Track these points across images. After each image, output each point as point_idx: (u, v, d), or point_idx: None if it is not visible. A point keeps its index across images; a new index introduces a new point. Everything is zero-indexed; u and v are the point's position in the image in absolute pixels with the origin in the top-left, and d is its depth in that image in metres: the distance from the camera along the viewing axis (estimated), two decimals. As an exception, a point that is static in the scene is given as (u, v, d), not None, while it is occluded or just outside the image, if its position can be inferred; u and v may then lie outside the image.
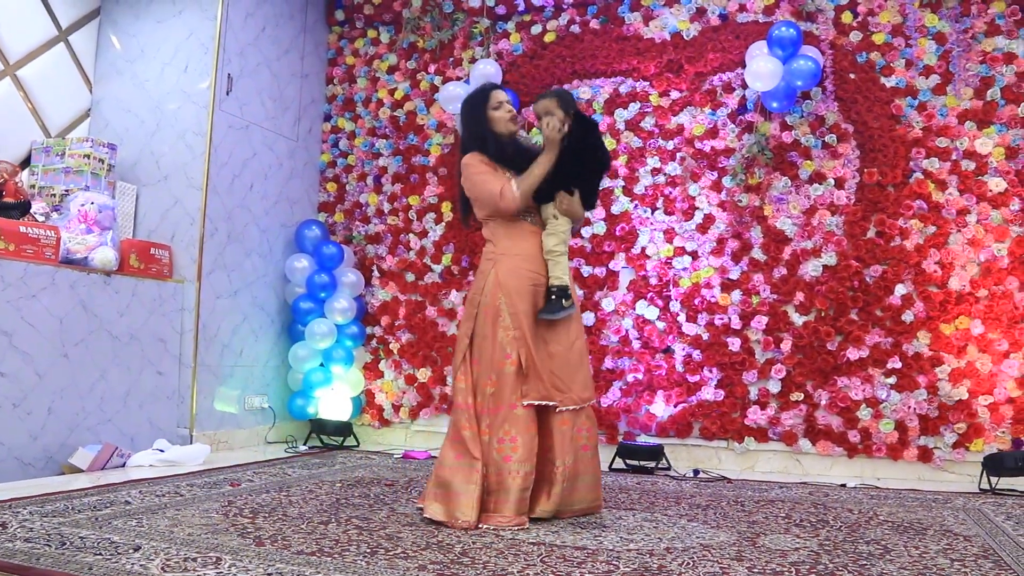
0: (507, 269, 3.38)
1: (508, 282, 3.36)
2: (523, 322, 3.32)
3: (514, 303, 3.33)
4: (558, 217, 3.46)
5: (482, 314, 3.37)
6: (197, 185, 5.09)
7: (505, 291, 3.34)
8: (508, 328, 3.31)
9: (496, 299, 3.35)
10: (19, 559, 2.38)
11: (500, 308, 3.34)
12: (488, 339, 3.34)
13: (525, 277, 3.39)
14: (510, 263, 3.40)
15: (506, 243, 3.44)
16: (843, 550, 2.85)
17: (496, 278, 3.37)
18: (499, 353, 3.30)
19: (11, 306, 4.02)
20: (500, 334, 3.32)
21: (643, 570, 2.50)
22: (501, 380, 3.28)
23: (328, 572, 2.33)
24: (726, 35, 5.30)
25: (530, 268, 3.41)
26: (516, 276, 3.37)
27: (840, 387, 4.86)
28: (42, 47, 5.14)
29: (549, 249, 3.44)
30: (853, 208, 4.95)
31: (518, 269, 3.39)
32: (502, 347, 3.30)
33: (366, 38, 6.27)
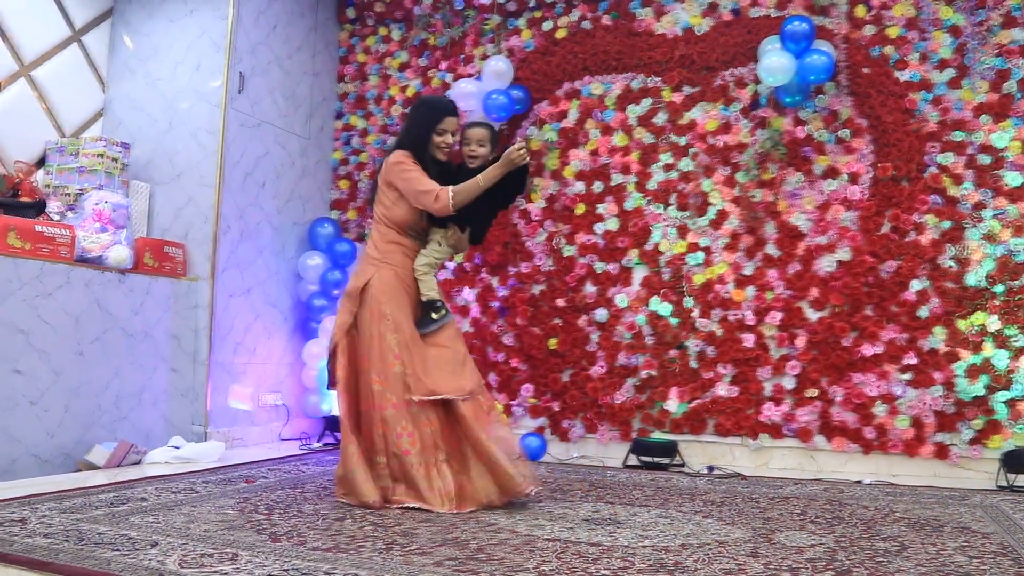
0: (389, 277, 3.60)
1: (390, 290, 3.58)
2: (405, 326, 3.55)
3: (396, 309, 3.55)
4: (441, 245, 3.73)
5: (367, 313, 3.56)
6: (210, 183, 5.10)
7: (389, 297, 3.56)
8: (393, 331, 3.52)
9: (380, 303, 3.55)
10: (39, 554, 2.39)
11: (385, 312, 3.54)
12: (375, 338, 3.52)
13: (403, 288, 3.63)
14: (391, 273, 3.61)
15: (391, 254, 3.66)
16: (859, 547, 2.84)
17: (380, 282, 3.58)
18: (388, 354, 3.49)
19: (27, 305, 4.04)
20: (388, 336, 3.51)
21: (658, 566, 2.50)
22: (389, 380, 3.46)
23: (344, 568, 2.33)
24: (738, 30, 5.27)
25: (407, 280, 3.66)
26: (396, 286, 3.60)
27: (855, 383, 4.83)
28: (56, 47, 5.15)
29: (417, 267, 3.69)
30: (868, 203, 4.92)
31: (398, 279, 3.62)
32: (390, 348, 3.49)
33: (377, 35, 6.28)
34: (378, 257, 3.65)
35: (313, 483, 3.91)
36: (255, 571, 2.28)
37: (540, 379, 5.46)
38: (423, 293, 3.67)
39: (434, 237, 3.72)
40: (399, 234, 3.68)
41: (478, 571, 2.36)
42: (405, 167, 3.59)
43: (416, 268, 3.68)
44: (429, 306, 3.65)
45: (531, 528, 3.04)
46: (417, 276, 3.68)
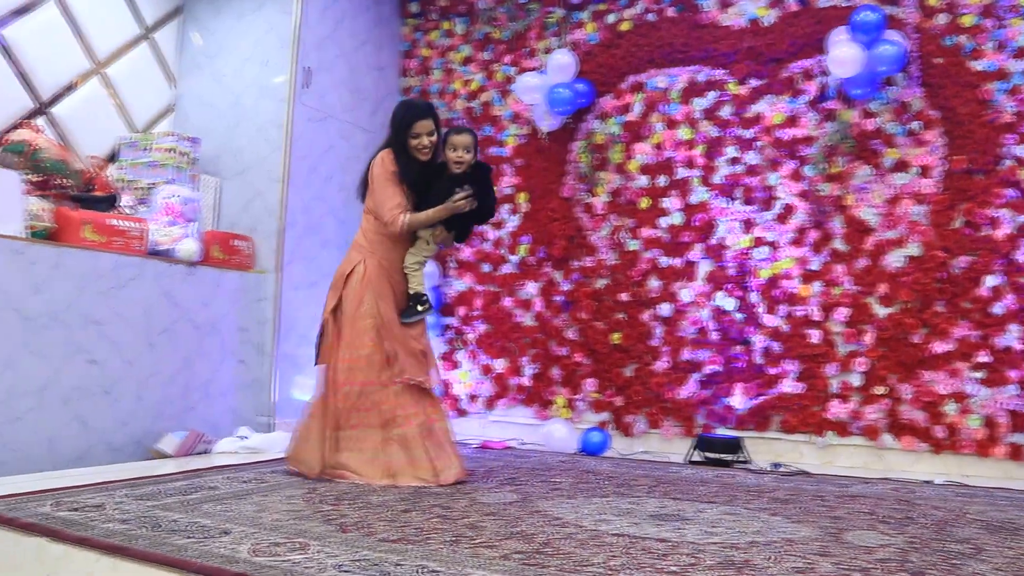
0: (374, 268, 3.84)
1: (374, 280, 3.82)
2: (383, 313, 3.80)
3: (377, 297, 3.80)
4: (429, 243, 3.94)
5: (349, 297, 3.83)
6: (276, 177, 5.16)
7: (371, 286, 3.81)
8: (370, 316, 3.78)
9: (363, 290, 3.80)
10: (118, 539, 2.45)
11: (364, 299, 3.80)
12: (351, 319, 3.80)
13: (387, 280, 3.86)
14: (377, 263, 3.85)
15: (381, 245, 3.89)
16: (932, 548, 2.78)
17: (365, 272, 3.83)
18: (363, 335, 3.77)
19: (102, 296, 4.13)
20: (365, 320, 3.78)
21: (727, 563, 2.47)
22: (359, 360, 3.76)
23: (414, 560, 2.34)
24: (806, 21, 5.19)
25: (392, 272, 3.89)
26: (380, 277, 3.84)
27: (925, 381, 4.74)
28: (127, 45, 5.27)
29: (407, 264, 3.92)
30: (940, 197, 4.81)
31: (383, 270, 3.86)
32: (366, 331, 3.77)
33: (440, 30, 6.30)
34: (366, 247, 3.89)
35: (378, 475, 3.94)
36: (326, 561, 2.30)
37: (603, 374, 5.45)
38: (411, 287, 3.92)
39: (423, 235, 3.92)
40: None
41: (545, 565, 2.36)
42: (380, 175, 3.85)
43: (407, 265, 3.92)
44: (416, 299, 3.91)
45: (597, 523, 3.03)
46: (407, 272, 3.92)
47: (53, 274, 3.91)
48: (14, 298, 3.74)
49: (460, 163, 3.83)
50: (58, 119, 4.84)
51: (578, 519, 3.09)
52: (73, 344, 4.00)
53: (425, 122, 3.83)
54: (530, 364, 5.69)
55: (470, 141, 3.85)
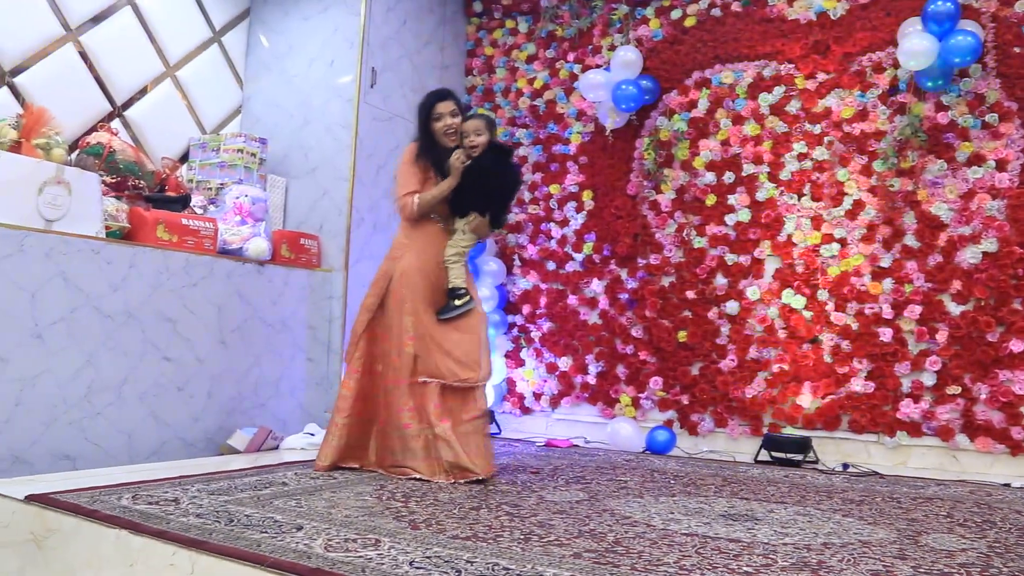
0: (413, 264, 3.86)
1: (413, 276, 3.85)
2: (420, 310, 3.82)
3: (414, 294, 3.82)
4: (465, 233, 3.95)
5: (391, 295, 3.86)
6: (344, 176, 5.22)
7: (409, 283, 3.84)
8: (411, 314, 3.81)
9: (403, 287, 3.84)
10: (194, 533, 2.50)
11: (405, 296, 3.83)
12: (395, 318, 3.83)
13: (426, 274, 3.88)
14: (416, 260, 3.88)
15: (417, 238, 3.92)
16: (1017, 554, 2.71)
17: (404, 270, 3.86)
18: (404, 335, 3.80)
19: (175, 295, 4.22)
20: (405, 319, 3.81)
21: (802, 565, 2.44)
22: (402, 358, 3.79)
23: (485, 557, 2.35)
24: (876, 12, 5.09)
25: (431, 266, 3.90)
26: (420, 272, 3.86)
27: (1002, 381, 4.61)
28: (197, 49, 5.38)
29: (447, 257, 3.92)
30: (1017, 191, 4.68)
31: (423, 266, 3.88)
32: (406, 329, 3.80)
33: (504, 28, 6.31)
34: (404, 243, 3.94)
35: (445, 472, 3.97)
36: (398, 557, 2.33)
37: (669, 372, 5.41)
38: (450, 280, 3.91)
39: (457, 226, 3.96)
40: (426, 222, 3.94)
41: (618, 564, 2.35)
42: (403, 166, 3.95)
43: (446, 258, 3.93)
44: (453, 293, 3.89)
45: (667, 522, 3.01)
46: (447, 265, 3.92)
47: (129, 273, 4.00)
48: (93, 297, 3.84)
49: (474, 147, 3.87)
50: (132, 122, 4.96)
51: (647, 518, 3.07)
52: (148, 341, 4.09)
53: (444, 103, 3.92)
54: (595, 362, 5.67)
55: (479, 124, 3.90)
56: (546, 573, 2.22)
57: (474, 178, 3.86)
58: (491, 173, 3.90)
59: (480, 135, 3.87)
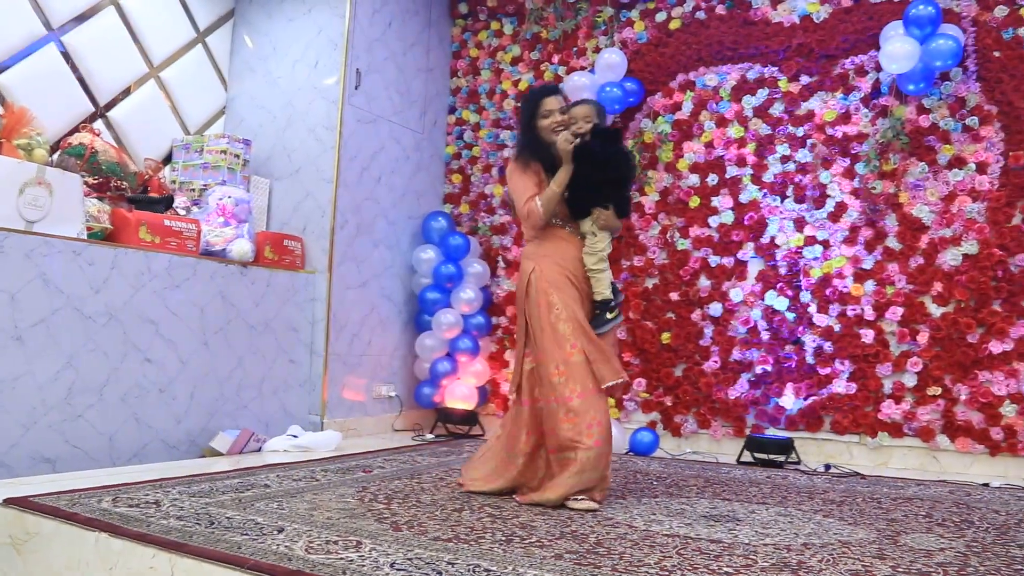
0: (550, 268, 3.48)
1: (554, 279, 3.45)
2: (577, 313, 3.42)
3: (564, 297, 3.43)
4: (596, 233, 3.55)
5: (535, 308, 3.46)
6: (327, 178, 5.21)
7: (554, 286, 3.44)
8: (566, 320, 3.39)
9: (547, 294, 3.44)
10: (175, 535, 2.49)
11: (553, 302, 3.42)
12: (547, 332, 3.41)
13: (567, 278, 3.49)
14: (551, 263, 3.50)
15: (547, 247, 3.55)
16: (993, 553, 2.73)
17: (542, 275, 3.47)
18: (564, 343, 3.37)
19: (157, 296, 4.20)
20: (560, 327, 3.39)
21: (782, 565, 2.45)
22: (571, 369, 3.33)
23: (467, 559, 2.36)
24: (859, 16, 5.12)
25: (571, 271, 3.51)
26: (559, 275, 3.47)
27: (981, 381, 4.65)
28: (182, 49, 5.36)
29: (589, 268, 3.53)
30: (997, 194, 4.72)
31: (561, 270, 3.49)
32: (566, 338, 3.37)
33: (489, 30, 6.31)
34: (535, 251, 3.56)
35: (429, 474, 3.97)
36: (379, 559, 2.33)
37: (652, 373, 5.43)
38: (597, 292, 3.53)
39: (585, 228, 3.58)
40: (550, 228, 3.56)
41: (599, 565, 2.36)
42: (514, 177, 3.61)
43: (589, 268, 3.53)
44: (604, 305, 3.53)
45: (648, 523, 3.02)
46: (591, 275, 3.54)
47: (111, 274, 3.98)
48: (74, 298, 3.82)
49: (581, 135, 3.52)
50: (115, 122, 4.93)
51: (630, 519, 3.09)
52: (130, 343, 4.07)
53: (552, 98, 3.56)
54: (579, 364, 5.67)
55: (589, 110, 3.56)
56: (527, 574, 2.22)
57: (586, 169, 3.47)
58: (602, 159, 3.50)
59: (589, 122, 3.53)
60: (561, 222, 3.57)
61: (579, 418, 3.28)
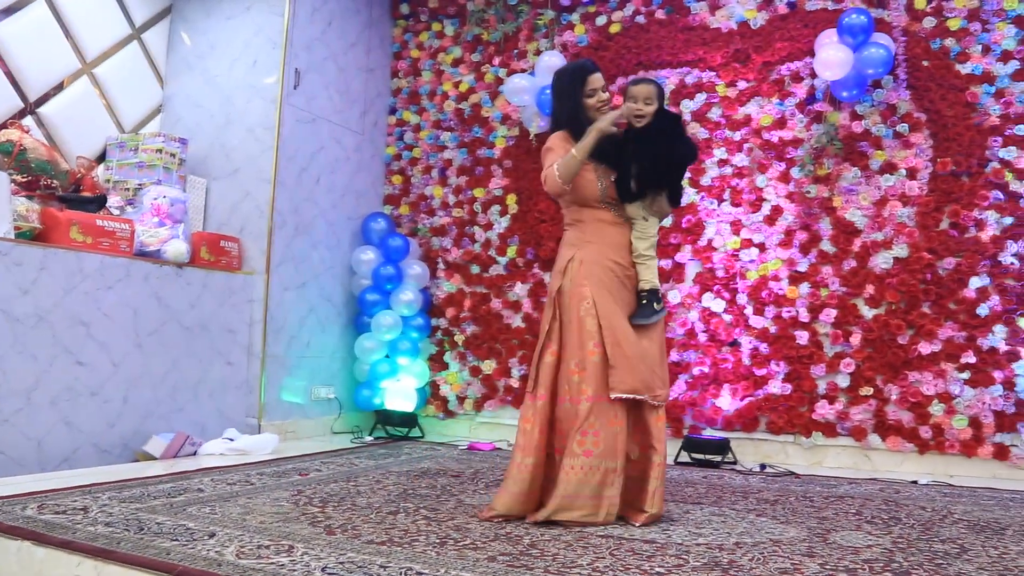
0: (592, 257, 3.22)
1: (594, 270, 3.20)
2: (610, 311, 3.15)
3: (601, 291, 3.16)
4: (648, 219, 3.33)
5: (567, 299, 3.19)
6: (266, 178, 5.16)
7: (591, 279, 3.18)
8: (595, 316, 3.13)
9: (581, 286, 3.17)
10: (101, 542, 2.45)
11: (585, 295, 3.16)
12: (573, 325, 3.15)
13: (610, 268, 3.23)
14: (595, 251, 3.24)
15: (591, 231, 3.28)
16: (917, 548, 2.80)
17: (581, 265, 3.21)
18: (587, 341, 3.11)
19: (89, 297, 4.12)
20: (588, 322, 3.13)
21: (713, 564, 2.48)
22: (587, 370, 3.09)
23: (399, 562, 2.35)
24: (794, 23, 5.21)
25: (615, 260, 3.26)
26: (601, 265, 3.21)
27: (911, 382, 4.76)
28: (116, 45, 5.26)
29: (640, 253, 3.30)
30: (926, 199, 4.84)
31: (603, 259, 3.23)
32: (589, 335, 3.12)
33: (431, 31, 6.30)
34: (576, 237, 3.31)
35: (366, 476, 3.95)
36: (311, 563, 2.31)
37: (591, 375, 5.44)
38: (646, 280, 3.29)
39: (635, 213, 3.33)
40: (593, 208, 3.30)
41: (532, 567, 2.37)
42: (547, 149, 3.31)
43: (640, 254, 3.30)
44: (652, 295, 3.28)
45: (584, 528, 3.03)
46: (639, 262, 3.30)
47: (39, 275, 3.90)
48: (1, 300, 3.73)
49: (641, 116, 3.29)
50: (46, 119, 4.82)
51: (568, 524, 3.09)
52: (60, 345, 3.99)
53: (597, 75, 3.31)
54: (518, 366, 5.69)
55: (651, 91, 3.30)
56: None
57: (649, 151, 3.27)
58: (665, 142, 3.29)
59: (650, 103, 3.29)
60: (608, 204, 3.31)
61: (580, 422, 3.06)
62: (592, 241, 3.27)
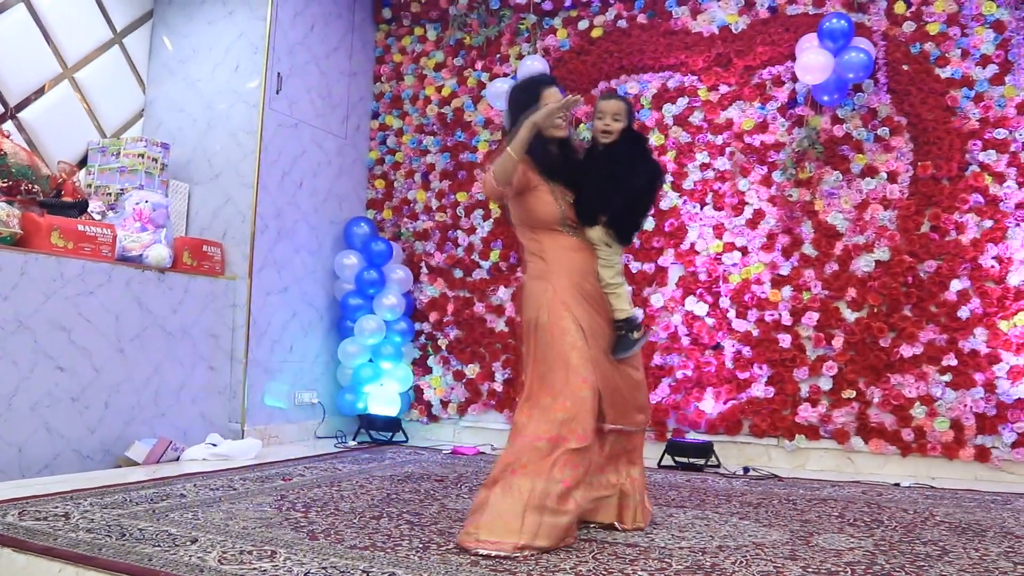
0: (566, 287, 3.00)
1: (570, 300, 2.98)
2: (595, 342, 2.98)
3: (582, 322, 2.96)
4: (611, 245, 3.12)
5: (545, 334, 2.96)
6: (248, 183, 5.14)
7: (570, 309, 2.97)
8: (581, 348, 2.92)
9: (561, 318, 2.95)
10: (83, 549, 2.43)
11: (567, 327, 2.94)
12: (558, 361, 2.91)
13: (585, 296, 3.03)
14: (567, 280, 3.02)
15: (555, 261, 3.05)
16: (899, 551, 2.81)
17: (556, 296, 2.98)
18: (574, 376, 2.89)
19: (70, 303, 4.10)
20: (572, 356, 2.91)
21: (696, 568, 2.49)
22: (576, 405, 2.85)
23: (382, 567, 2.35)
24: (776, 28, 5.24)
25: (589, 286, 3.06)
26: (576, 294, 3.00)
27: (893, 384, 4.79)
28: (98, 50, 5.23)
29: (607, 282, 3.10)
30: (906, 202, 4.87)
31: (578, 286, 3.02)
32: (577, 370, 2.89)
33: (413, 36, 6.29)
34: (542, 269, 3.06)
35: (349, 481, 3.94)
36: (293, 568, 2.30)
37: (575, 379, 5.45)
38: (620, 310, 3.10)
39: (595, 237, 3.10)
40: (553, 233, 3.07)
41: (515, 571, 2.37)
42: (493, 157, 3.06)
43: (606, 283, 3.10)
44: (628, 324, 3.09)
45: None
46: (608, 291, 3.10)
47: (20, 281, 3.87)
48: (-20, 305, 3.71)
49: (608, 132, 3.09)
50: (27, 124, 4.79)
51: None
52: (40, 351, 3.96)
53: (552, 90, 3.06)
54: (502, 369, 5.69)
55: (622, 107, 3.12)
56: (442, 582, 2.22)
57: (603, 173, 3.07)
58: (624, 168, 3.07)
59: (619, 120, 3.09)
60: (567, 229, 3.07)
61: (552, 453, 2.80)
62: (562, 272, 3.04)
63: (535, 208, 3.06)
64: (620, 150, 3.11)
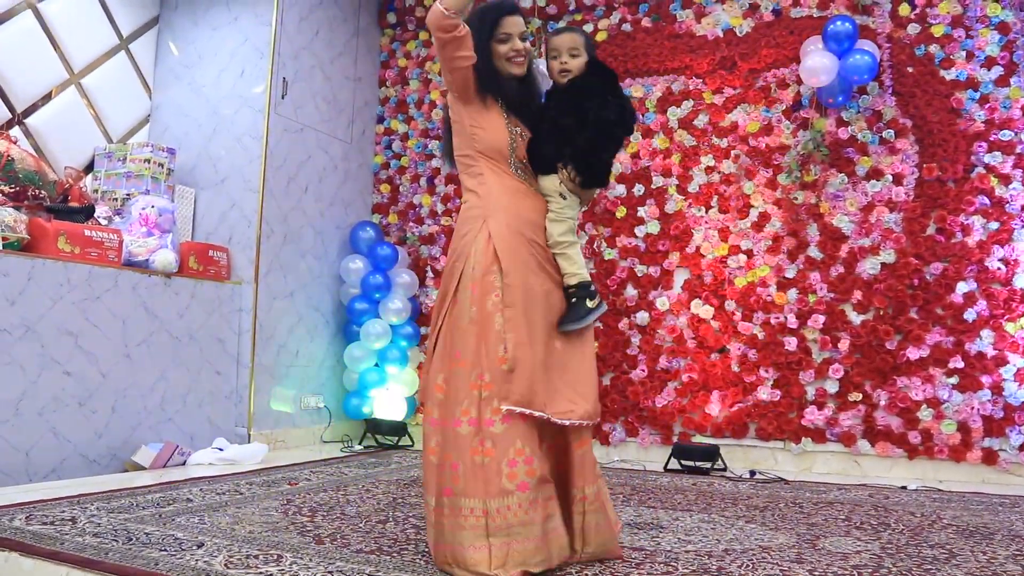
0: (504, 230, 2.52)
1: (506, 246, 2.50)
2: (521, 299, 2.46)
3: (514, 274, 2.47)
4: (565, 196, 2.67)
5: (467, 289, 2.49)
6: (254, 188, 5.15)
7: (504, 256, 2.49)
8: (501, 309, 2.45)
9: (489, 269, 2.48)
10: (89, 553, 2.44)
11: (494, 282, 2.47)
12: (476, 324, 2.45)
13: (526, 244, 2.56)
14: (507, 221, 2.54)
15: (499, 196, 2.58)
16: (906, 554, 2.81)
17: (489, 241, 2.50)
18: (496, 344, 2.42)
19: (76, 307, 4.11)
20: (497, 319, 2.43)
21: (702, 572, 2.48)
22: (498, 381, 2.40)
23: (388, 571, 2.35)
24: (780, 31, 5.24)
25: (532, 235, 2.59)
26: (516, 240, 2.53)
27: (900, 387, 4.78)
28: (104, 56, 5.25)
29: (555, 239, 2.64)
30: (912, 204, 4.86)
31: (519, 232, 2.55)
32: (500, 336, 2.42)
33: (418, 40, 6.31)
34: (479, 205, 2.59)
35: (356, 485, 3.94)
36: (300, 573, 2.31)
37: (580, 382, 5.44)
38: (570, 274, 2.63)
39: (549, 187, 2.68)
40: (499, 169, 2.62)
41: (521, 574, 2.37)
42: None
43: (555, 240, 2.63)
44: (583, 290, 2.63)
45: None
46: (556, 251, 2.64)
47: (27, 286, 3.88)
48: (-13, 310, 3.72)
49: (567, 71, 2.68)
50: (34, 129, 4.81)
51: None
52: (48, 356, 3.97)
53: (513, 18, 2.62)
54: (508, 373, 5.67)
55: (578, 40, 2.71)
56: (448, 585, 2.22)
57: (565, 108, 2.66)
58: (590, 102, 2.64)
59: (576, 55, 2.68)
60: (519, 173, 2.65)
61: (498, 450, 2.37)
62: (502, 209, 2.56)
63: (482, 126, 2.62)
64: (586, 81, 2.69)
